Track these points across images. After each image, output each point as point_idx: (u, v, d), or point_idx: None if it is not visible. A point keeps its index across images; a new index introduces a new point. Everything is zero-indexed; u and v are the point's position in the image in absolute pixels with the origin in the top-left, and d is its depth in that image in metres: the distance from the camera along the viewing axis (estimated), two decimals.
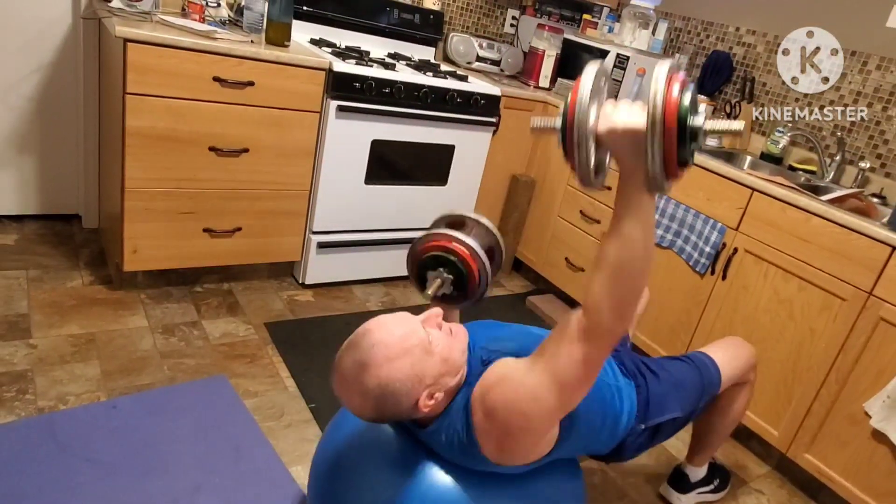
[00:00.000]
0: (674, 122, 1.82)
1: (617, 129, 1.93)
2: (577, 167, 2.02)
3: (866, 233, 3.71)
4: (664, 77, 1.83)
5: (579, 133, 1.92)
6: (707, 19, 5.94)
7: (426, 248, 2.95)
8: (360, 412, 2.32)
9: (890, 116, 4.69)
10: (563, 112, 1.96)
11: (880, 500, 3.74)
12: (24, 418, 3.29)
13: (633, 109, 1.93)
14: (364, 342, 2.26)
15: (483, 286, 2.91)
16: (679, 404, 3.03)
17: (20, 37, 4.59)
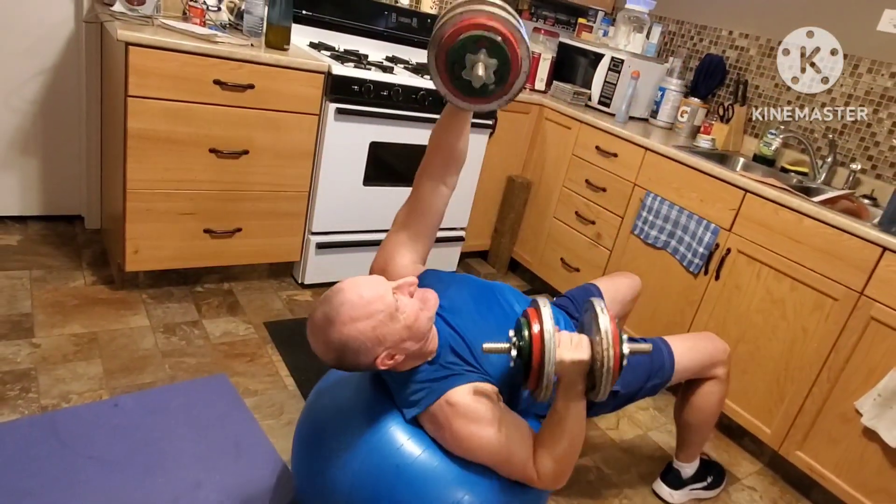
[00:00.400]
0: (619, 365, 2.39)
1: (566, 362, 2.40)
2: (538, 395, 2.47)
3: (857, 234, 3.72)
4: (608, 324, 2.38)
5: (547, 378, 2.37)
6: (700, 23, 5.95)
7: (461, 28, 2.55)
8: (323, 358, 2.46)
9: (881, 119, 4.71)
10: (521, 345, 2.44)
11: (871, 497, 3.75)
12: (27, 416, 3.30)
13: (574, 347, 2.43)
14: (335, 299, 2.36)
15: (524, 74, 2.72)
16: (621, 380, 3.04)
17: (23, 40, 4.59)
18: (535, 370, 2.39)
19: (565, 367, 2.40)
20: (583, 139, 5.47)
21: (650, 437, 4.39)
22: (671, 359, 3.29)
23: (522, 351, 2.42)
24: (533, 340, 2.38)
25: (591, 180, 5.39)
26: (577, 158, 5.54)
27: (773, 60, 5.38)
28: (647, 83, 5.84)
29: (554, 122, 5.76)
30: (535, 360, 2.37)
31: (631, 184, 5.05)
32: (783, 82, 5.31)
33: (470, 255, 6.46)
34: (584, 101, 5.91)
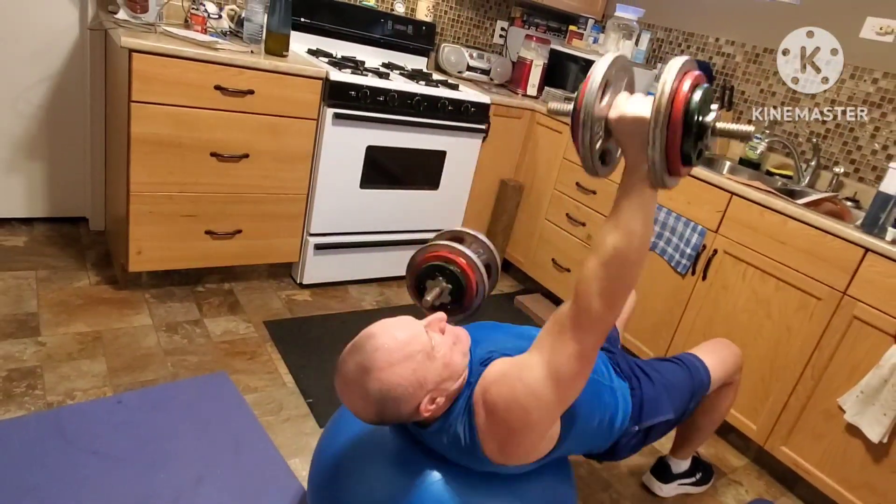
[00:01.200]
0: (680, 114, 1.86)
1: (626, 117, 1.98)
2: (579, 148, 2.07)
3: (841, 235, 3.73)
4: (676, 70, 1.88)
5: (585, 114, 1.96)
6: (688, 30, 5.96)
7: (426, 258, 2.97)
8: (362, 414, 2.28)
9: (863, 123, 4.71)
10: (576, 95, 1.99)
11: (854, 492, 3.76)
12: (33, 413, 3.30)
13: (645, 101, 1.97)
14: (368, 346, 2.21)
15: (479, 298, 2.93)
16: (671, 406, 3.03)
17: (30, 47, 4.60)
18: (577, 112, 1.99)
19: (626, 123, 1.99)
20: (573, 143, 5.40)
21: None
22: (708, 375, 3.27)
23: (575, 99, 2.01)
24: (581, 90, 1.98)
25: (582, 183, 5.39)
26: (567, 162, 5.54)
27: (758, 66, 5.39)
28: (636, 89, 5.77)
29: (545, 127, 5.76)
30: (580, 97, 1.97)
31: None
32: (768, 88, 5.32)
33: None
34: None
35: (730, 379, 3.46)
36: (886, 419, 3.52)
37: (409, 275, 3.12)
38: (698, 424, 3.62)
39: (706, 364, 3.29)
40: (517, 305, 5.83)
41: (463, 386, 2.39)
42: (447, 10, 6.37)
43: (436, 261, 2.96)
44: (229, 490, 3.11)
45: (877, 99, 4.65)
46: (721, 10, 5.72)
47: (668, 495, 3.85)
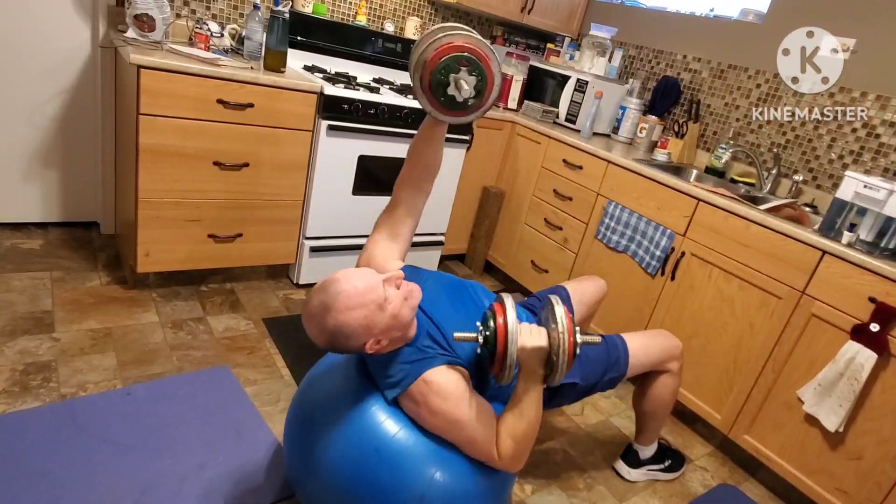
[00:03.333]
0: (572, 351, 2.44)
1: (526, 349, 2.46)
2: (501, 377, 2.52)
3: (800, 238, 3.76)
4: (563, 316, 2.47)
5: (510, 359, 2.43)
6: (658, 48, 5.98)
7: (444, 50, 2.69)
8: (316, 341, 2.47)
9: (821, 135, 4.73)
10: (487, 334, 2.51)
11: (812, 477, 3.78)
12: (48, 404, 3.31)
13: (535, 334, 2.50)
14: (331, 288, 2.40)
15: (497, 91, 2.83)
16: (580, 373, 3.16)
17: (45, 63, 4.60)
18: (499, 356, 2.45)
19: (526, 353, 2.46)
20: (551, 153, 5.49)
21: (612, 422, 4.41)
22: (626, 355, 3.34)
23: (488, 340, 2.48)
24: (497, 330, 2.45)
25: (559, 190, 5.40)
26: (545, 170, 5.56)
27: (723, 81, 5.41)
28: (609, 102, 5.87)
29: (525, 138, 5.78)
30: (500, 348, 2.44)
31: (595, 193, 5.06)
32: (732, 102, 5.34)
33: (449, 258, 6.47)
34: (552, 118, 5.93)
35: (660, 367, 3.52)
36: (842, 410, 3.54)
37: (421, 75, 2.77)
38: (643, 410, 3.71)
39: (629, 346, 3.38)
40: None
41: (410, 336, 2.63)
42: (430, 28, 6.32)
43: (455, 52, 2.69)
44: (230, 475, 3.13)
45: (833, 112, 4.67)
46: (688, 29, 5.74)
47: (636, 480, 3.87)
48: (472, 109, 2.83)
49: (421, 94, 2.80)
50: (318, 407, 2.76)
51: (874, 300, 3.45)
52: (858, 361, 3.47)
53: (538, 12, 6.23)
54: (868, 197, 3.65)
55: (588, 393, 3.32)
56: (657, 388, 3.56)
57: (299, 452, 2.75)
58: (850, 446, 3.62)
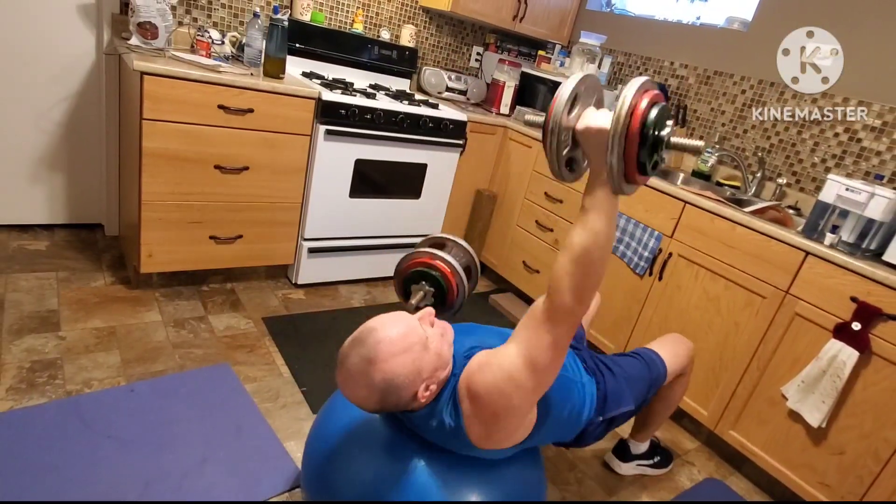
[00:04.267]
0: (637, 127, 1.90)
1: (590, 128, 2.02)
2: (547, 153, 2.10)
3: (784, 240, 3.77)
4: (636, 88, 1.93)
5: (553, 123, 2.00)
6: (646, 55, 5.99)
7: (411, 264, 3.04)
8: (365, 404, 2.29)
9: (804, 139, 4.74)
10: (548, 107, 2.03)
11: (795, 471, 3.79)
12: (54, 400, 3.31)
13: (609, 114, 1.99)
14: (370, 339, 2.23)
15: (460, 299, 2.97)
16: (632, 397, 3.04)
17: (51, 70, 4.61)
18: (546, 121, 2.03)
19: (589, 135, 2.02)
20: (542, 157, 5.37)
21: None
22: (664, 368, 3.31)
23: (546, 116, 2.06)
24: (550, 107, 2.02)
25: (550, 193, 5.40)
26: (537, 174, 5.56)
27: (709, 87, 5.42)
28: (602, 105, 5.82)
29: (517, 142, 5.78)
30: (550, 109, 2.01)
31: None
32: (718, 107, 5.36)
33: None
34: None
35: (682, 370, 3.49)
36: (825, 406, 3.55)
37: (396, 279, 3.15)
38: (654, 410, 3.66)
39: (662, 358, 3.32)
40: (492, 304, 5.83)
41: (449, 375, 2.41)
42: (428, 36, 6.39)
43: (419, 266, 3.00)
44: (231, 470, 3.13)
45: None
46: (675, 37, 5.75)
47: (626, 474, 3.88)
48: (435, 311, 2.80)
49: (399, 295, 3.20)
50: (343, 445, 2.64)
51: (856, 300, 3.46)
52: (841, 359, 3.48)
53: (530, 20, 6.25)
54: (850, 199, 3.66)
55: (634, 414, 3.24)
56: (672, 388, 3.55)
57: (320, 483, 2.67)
58: (833, 441, 3.63)
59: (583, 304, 2.11)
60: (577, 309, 2.11)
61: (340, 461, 2.59)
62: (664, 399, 3.58)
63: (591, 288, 2.10)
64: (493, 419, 2.29)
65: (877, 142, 4.37)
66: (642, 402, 3.20)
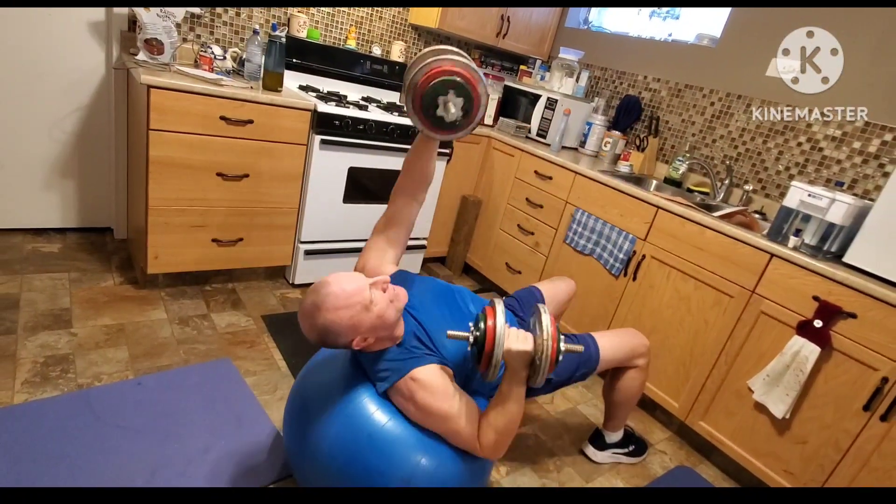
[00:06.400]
0: (555, 356, 2.48)
1: (512, 351, 2.48)
2: (485, 374, 2.57)
3: (750, 243, 3.78)
4: (549, 325, 2.49)
5: (496, 358, 2.47)
6: (620, 69, 6.00)
7: (433, 74, 2.71)
8: (308, 336, 2.51)
9: (769, 148, 4.76)
10: (476, 335, 2.55)
11: (761, 459, 3.81)
12: (66, 393, 3.31)
13: (522, 339, 2.51)
14: (322, 290, 2.45)
15: (483, 110, 2.84)
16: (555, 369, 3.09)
17: (63, 83, 4.60)
18: (486, 355, 2.48)
19: (512, 355, 2.48)
20: (524, 165, 5.50)
21: (579, 409, 4.43)
22: (597, 353, 3.37)
23: (478, 340, 2.51)
24: (487, 332, 2.48)
25: (531, 199, 5.41)
26: (519, 181, 5.56)
27: (680, 100, 5.44)
28: (576, 119, 5.89)
29: (500, 151, 5.78)
30: (488, 348, 2.47)
31: (563, 202, 5.08)
32: (689, 118, 5.38)
33: (431, 260, 6.48)
34: (524, 133, 5.94)
35: (629, 363, 3.56)
36: (789, 398, 3.57)
37: (411, 100, 2.81)
38: (613, 402, 3.74)
39: (599, 345, 3.41)
40: None
41: (397, 335, 2.69)
42: (417, 52, 6.35)
43: (444, 76, 2.71)
44: (232, 458, 3.13)
45: (780, 127, 4.71)
46: (648, 52, 5.77)
47: (601, 461, 3.89)
48: (460, 128, 2.84)
49: (413, 114, 2.81)
50: (315, 396, 2.78)
51: (818, 298, 3.48)
52: (803, 354, 3.50)
53: (512, 37, 6.25)
54: (812, 205, 3.68)
55: (560, 387, 3.36)
56: (625, 381, 3.60)
57: (298, 438, 2.77)
58: (796, 431, 3.65)
59: (502, 452, 2.65)
60: (496, 454, 2.65)
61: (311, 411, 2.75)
62: (620, 391, 3.65)
63: (507, 444, 2.65)
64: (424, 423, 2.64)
65: (837, 151, 4.39)
66: (568, 377, 3.32)
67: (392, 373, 2.63)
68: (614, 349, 3.47)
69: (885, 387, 3.26)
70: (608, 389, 3.74)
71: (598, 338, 3.46)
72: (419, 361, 2.62)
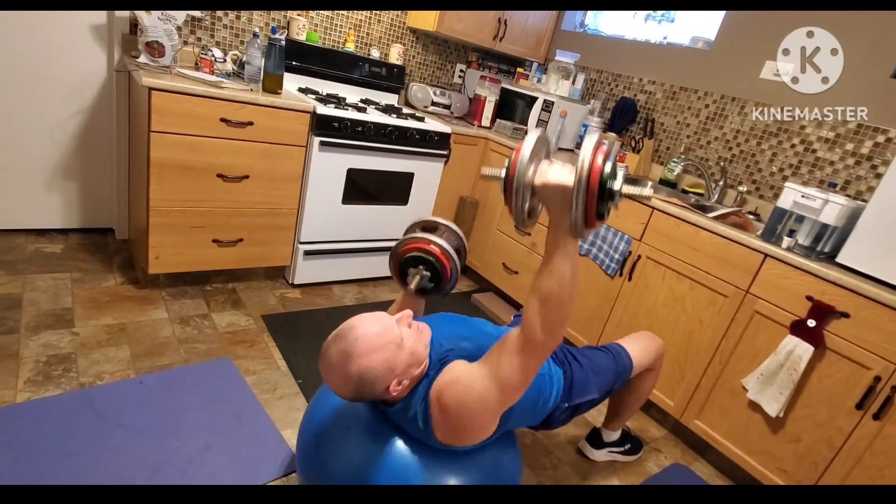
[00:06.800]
0: (596, 184, 1.91)
1: (549, 184, 2.01)
2: (513, 210, 2.13)
3: (744, 243, 3.79)
4: (592, 147, 1.94)
5: (518, 184, 2.04)
6: (616, 72, 6.00)
7: (407, 249, 3.04)
8: (341, 392, 2.34)
9: (763, 150, 4.77)
10: (507, 166, 2.07)
11: (755, 457, 3.82)
12: (68, 392, 3.31)
13: (563, 170, 2.02)
14: (349, 335, 2.28)
15: (453, 281, 3.00)
16: (597, 387, 3.08)
17: (65, 86, 4.61)
18: (509, 183, 2.08)
19: (548, 190, 2.02)
20: None
21: None
22: (630, 362, 3.34)
23: (508, 172, 2.10)
24: (512, 162, 2.07)
25: None
26: None
27: (675, 102, 5.44)
28: (573, 121, 5.90)
29: (497, 153, 5.78)
30: (512, 169, 2.05)
31: None
32: (683, 120, 5.38)
33: None
34: (522, 135, 5.90)
35: (651, 365, 3.51)
36: (782, 397, 3.57)
37: (392, 262, 3.15)
38: (625, 401, 3.69)
39: (629, 352, 3.35)
40: (474, 302, 5.83)
41: (424, 373, 2.46)
42: (415, 54, 6.40)
43: (415, 251, 3.01)
44: (232, 456, 3.13)
45: (774, 129, 4.71)
46: (644, 55, 5.78)
47: (598, 460, 3.89)
48: (432, 292, 3.13)
49: (394, 276, 3.19)
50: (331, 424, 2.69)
51: (811, 298, 3.48)
52: (797, 353, 3.50)
53: (509, 40, 6.26)
54: (805, 206, 3.68)
55: (599, 402, 3.26)
56: (640, 382, 3.57)
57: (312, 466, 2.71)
58: (790, 430, 3.65)
59: (555, 339, 2.15)
60: (549, 343, 2.15)
61: (329, 444, 2.62)
62: (634, 391, 3.60)
63: (562, 324, 2.14)
64: (459, 428, 2.37)
65: (830, 152, 4.39)
66: (608, 391, 3.23)
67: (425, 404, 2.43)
68: (643, 355, 3.44)
69: (878, 385, 3.26)
70: (622, 390, 3.65)
71: (627, 346, 3.42)
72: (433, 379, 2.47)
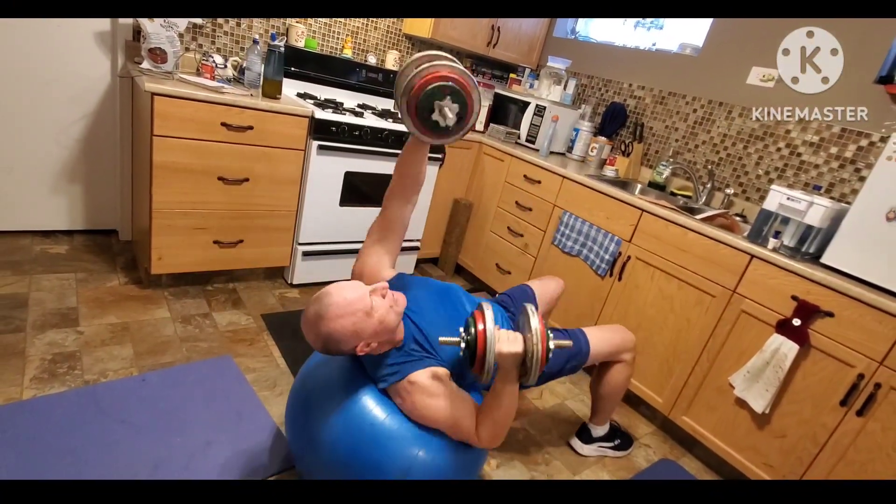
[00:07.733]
0: (544, 351, 2.45)
1: (503, 353, 2.47)
2: (482, 377, 2.53)
3: (731, 244, 3.79)
4: (538, 325, 2.48)
5: (487, 364, 2.47)
6: (607, 77, 6.00)
7: (428, 80, 2.67)
8: (313, 345, 2.56)
9: (749, 153, 4.77)
10: (472, 342, 2.51)
11: (741, 453, 3.82)
12: (73, 389, 3.31)
13: (512, 339, 2.50)
14: (324, 300, 2.48)
15: (475, 116, 2.81)
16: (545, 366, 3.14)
17: (70, 91, 4.60)
18: (479, 359, 2.49)
19: (503, 357, 2.47)
20: (513, 169, 5.50)
21: (567, 405, 4.43)
22: (587, 346, 3.37)
23: (469, 344, 2.50)
24: (478, 336, 2.48)
25: (520, 202, 5.41)
26: (508, 185, 5.57)
27: (664, 107, 5.44)
28: (564, 125, 5.89)
29: (490, 156, 5.79)
30: (479, 352, 2.47)
31: (551, 205, 5.08)
32: (672, 125, 5.39)
33: (424, 261, 6.47)
34: (514, 139, 5.94)
35: (617, 357, 3.56)
36: (768, 394, 3.58)
37: (407, 101, 2.74)
38: (599, 395, 3.74)
39: (590, 338, 3.42)
40: None
41: (398, 339, 2.71)
42: (412, 57, 6.33)
43: (440, 81, 2.66)
44: (233, 451, 3.14)
45: (760, 133, 4.71)
46: (633, 61, 5.77)
47: (588, 454, 3.90)
48: (452, 133, 2.81)
49: (406, 117, 2.77)
50: (317, 392, 2.79)
51: (796, 298, 3.48)
52: (783, 352, 3.50)
53: (502, 46, 6.25)
54: (791, 208, 3.69)
55: (551, 379, 3.39)
56: (612, 375, 3.60)
57: (300, 432, 2.78)
58: (775, 426, 3.65)
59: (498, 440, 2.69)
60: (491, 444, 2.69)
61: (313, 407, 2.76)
62: (607, 384, 3.65)
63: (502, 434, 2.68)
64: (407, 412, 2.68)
65: (815, 156, 4.39)
66: (558, 369, 3.34)
67: (391, 375, 2.66)
68: (603, 343, 3.47)
69: (861, 383, 3.27)
70: (595, 383, 3.74)
71: (588, 332, 3.46)
72: (417, 365, 2.65)
